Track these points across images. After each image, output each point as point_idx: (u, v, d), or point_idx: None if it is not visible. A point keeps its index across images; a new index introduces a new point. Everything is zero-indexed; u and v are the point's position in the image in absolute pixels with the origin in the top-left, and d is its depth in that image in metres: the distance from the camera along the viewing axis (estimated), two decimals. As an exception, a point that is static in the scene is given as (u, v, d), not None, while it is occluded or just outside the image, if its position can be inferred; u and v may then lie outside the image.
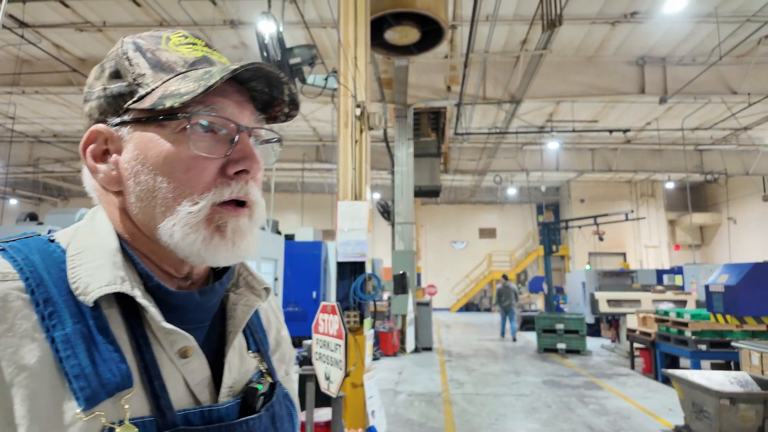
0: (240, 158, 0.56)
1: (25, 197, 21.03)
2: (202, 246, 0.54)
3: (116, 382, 0.48)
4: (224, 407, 0.56)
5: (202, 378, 0.56)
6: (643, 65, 10.22)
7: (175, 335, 0.54)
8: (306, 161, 16.46)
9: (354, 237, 3.67)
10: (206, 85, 0.52)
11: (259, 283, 0.67)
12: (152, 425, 0.49)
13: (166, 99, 0.53)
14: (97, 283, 0.50)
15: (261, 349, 0.68)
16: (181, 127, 0.54)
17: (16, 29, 8.84)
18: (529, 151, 16.58)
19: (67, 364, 0.47)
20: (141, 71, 0.56)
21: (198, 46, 0.61)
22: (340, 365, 2.74)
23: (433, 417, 5.59)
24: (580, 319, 10.10)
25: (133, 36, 0.60)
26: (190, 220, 0.53)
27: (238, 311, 0.63)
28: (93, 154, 0.57)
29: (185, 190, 0.54)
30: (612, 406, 6.04)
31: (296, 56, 3.84)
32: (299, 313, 8.95)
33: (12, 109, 12.78)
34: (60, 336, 0.48)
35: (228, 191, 0.55)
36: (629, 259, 19.61)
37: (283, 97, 0.62)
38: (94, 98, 0.58)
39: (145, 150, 0.54)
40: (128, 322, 0.52)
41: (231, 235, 0.56)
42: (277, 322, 0.77)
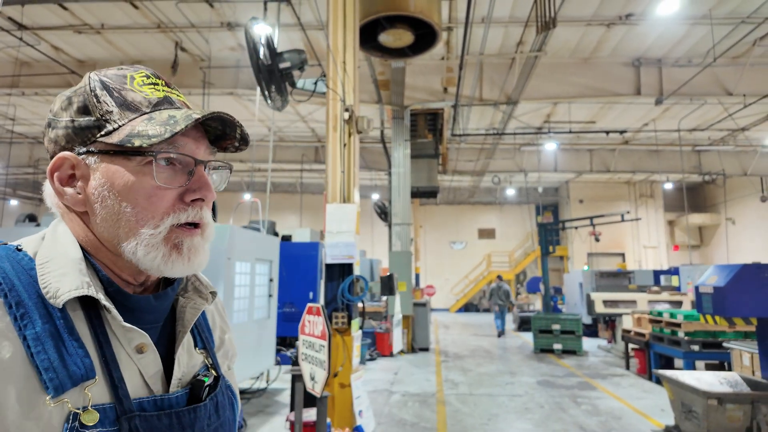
0: (197, 188, 0.66)
1: (25, 198, 21.12)
2: (161, 261, 0.63)
3: (81, 373, 0.55)
4: (174, 396, 0.64)
5: (156, 371, 0.64)
6: (639, 67, 10.25)
7: (133, 333, 0.61)
8: (305, 162, 16.52)
9: (342, 239, 3.71)
10: (172, 131, 0.60)
11: (206, 288, 0.75)
12: (111, 411, 0.57)
13: (134, 138, 0.61)
14: (66, 288, 0.57)
15: (207, 346, 0.76)
16: (145, 162, 0.62)
17: (15, 31, 8.90)
18: (527, 152, 16.60)
19: (37, 359, 0.53)
20: (108, 108, 0.63)
21: (159, 86, 0.68)
22: (323, 365, 2.79)
23: (426, 417, 5.63)
24: (577, 320, 10.13)
25: (99, 73, 0.66)
26: (151, 240, 0.62)
27: (186, 313, 0.72)
28: (59, 178, 0.64)
29: (147, 215, 0.62)
30: (604, 407, 6.08)
31: (286, 61, 3.90)
32: (295, 313, 8.99)
33: (12, 110, 12.87)
34: (31, 334, 0.54)
35: (185, 215, 0.65)
36: (628, 259, 19.62)
37: (235, 135, 0.71)
38: (61, 127, 0.65)
39: (112, 179, 0.62)
40: (91, 322, 0.60)
41: (187, 252, 0.65)
42: (221, 322, 0.85)
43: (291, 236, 10.79)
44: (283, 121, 13.98)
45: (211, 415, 0.68)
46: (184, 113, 0.63)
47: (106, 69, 0.68)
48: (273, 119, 12.55)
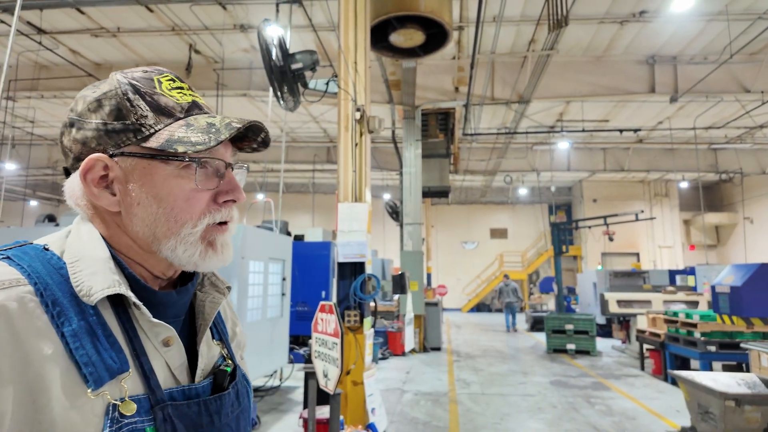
0: (228, 190, 0.70)
1: (44, 199, 21.54)
2: (199, 258, 0.67)
3: (117, 366, 0.59)
4: (200, 386, 0.69)
5: (181, 363, 0.68)
6: (653, 64, 10.12)
7: (160, 327, 0.65)
8: (317, 162, 16.61)
9: (354, 238, 3.74)
10: (217, 140, 0.64)
11: (222, 283, 0.79)
12: (146, 401, 0.60)
13: (176, 144, 0.63)
14: (99, 286, 0.60)
15: (223, 337, 0.80)
16: (183, 166, 0.65)
17: (34, 36, 9.11)
18: (539, 151, 16.49)
19: (76, 354, 0.56)
20: (143, 113, 0.65)
21: (185, 90, 0.71)
22: (336, 363, 2.82)
23: (438, 416, 5.64)
24: (590, 320, 10.04)
25: (125, 75, 0.68)
26: (189, 239, 0.66)
27: (206, 307, 0.75)
28: (92, 179, 0.66)
29: (186, 216, 0.66)
30: (618, 407, 6.03)
31: (298, 62, 3.94)
32: (308, 312, 9.05)
33: (31, 113, 13.15)
34: (68, 331, 0.57)
35: (219, 215, 0.69)
36: (643, 259, 19.37)
37: (257, 138, 0.74)
38: (90, 128, 0.66)
39: (150, 182, 0.65)
40: (120, 318, 0.63)
41: (220, 247, 0.70)
42: (232, 315, 0.89)
43: (303, 236, 10.87)
44: (296, 122, 14.07)
45: (233, 402, 0.72)
46: (221, 121, 0.66)
47: (130, 71, 0.69)
48: (285, 120, 12.64)
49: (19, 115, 13.14)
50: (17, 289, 0.56)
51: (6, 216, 19.07)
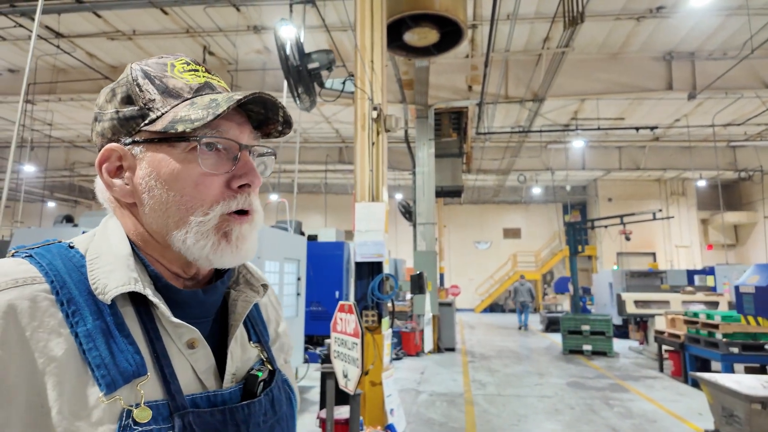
0: (243, 173, 0.64)
1: (61, 200, 21.91)
2: (210, 251, 0.61)
3: (132, 370, 0.55)
4: (227, 392, 0.63)
5: (208, 366, 0.63)
6: (671, 61, 9.96)
7: (183, 328, 0.61)
8: (329, 162, 16.64)
9: (371, 238, 3.73)
10: (214, 113, 0.59)
11: (257, 281, 0.74)
12: (164, 407, 0.56)
13: (177, 123, 0.60)
14: (114, 284, 0.57)
15: (261, 339, 0.75)
16: (190, 148, 0.61)
17: (52, 40, 9.25)
18: (553, 149, 16.33)
19: (89, 356, 0.53)
20: (151, 97, 0.62)
21: (199, 72, 0.68)
22: (357, 363, 2.80)
23: (454, 417, 5.59)
24: (607, 321, 9.91)
25: (140, 63, 0.66)
26: (200, 228, 0.61)
27: (238, 306, 0.70)
28: (108, 170, 0.64)
29: (195, 203, 0.61)
30: (637, 409, 5.93)
31: (314, 61, 3.93)
32: (322, 312, 9.07)
33: (49, 116, 13.37)
34: (82, 331, 0.54)
35: (234, 203, 0.63)
36: (659, 259, 19.07)
37: (278, 118, 0.69)
38: (106, 119, 0.64)
39: (158, 168, 0.61)
40: (141, 318, 0.59)
41: (235, 240, 0.63)
42: (276, 316, 0.84)
43: (317, 236, 10.89)
44: (308, 123, 14.11)
45: (266, 411, 0.66)
46: (225, 96, 0.62)
47: (146, 59, 0.67)
48: (299, 120, 12.69)
49: (38, 117, 13.37)
50: (31, 288, 0.54)
51: (25, 217, 19.42)
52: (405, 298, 11.76)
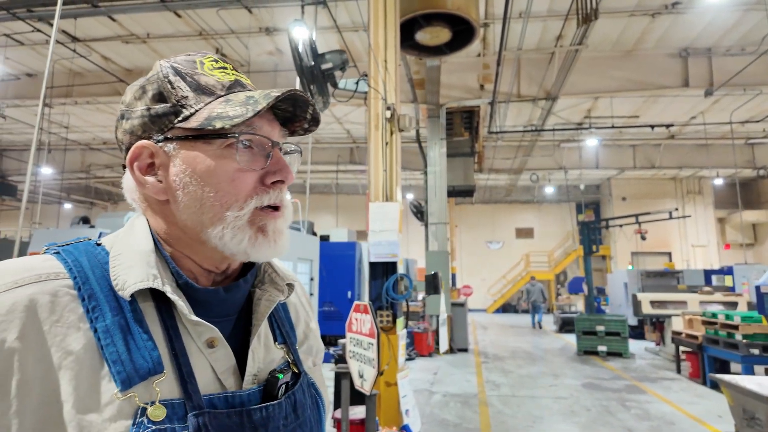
0: (276, 170, 0.64)
1: (78, 202, 22.25)
2: (248, 244, 0.62)
3: (148, 367, 0.55)
4: (246, 393, 0.62)
5: (228, 366, 0.62)
6: (687, 57, 9.80)
7: (202, 327, 0.60)
8: (340, 163, 16.68)
9: (385, 237, 3.72)
10: (254, 110, 0.59)
11: (282, 280, 0.73)
12: (180, 407, 0.55)
13: (214, 120, 0.59)
14: (133, 280, 0.57)
15: (287, 341, 0.73)
16: (226, 145, 0.61)
17: (69, 44, 9.40)
18: (566, 148, 16.17)
19: (106, 351, 0.53)
20: (184, 94, 0.62)
21: (228, 70, 0.67)
22: (372, 363, 2.79)
23: (469, 418, 5.56)
24: (622, 321, 9.78)
25: (169, 60, 0.66)
26: (236, 223, 0.61)
27: (261, 306, 0.69)
28: (139, 167, 0.64)
29: (231, 198, 0.61)
30: (655, 411, 5.84)
31: (328, 62, 3.93)
32: (334, 312, 9.09)
33: (66, 119, 13.58)
34: (101, 327, 0.54)
35: (267, 198, 0.63)
36: (675, 259, 18.78)
37: (305, 116, 0.69)
38: (136, 117, 0.64)
39: (193, 164, 0.61)
40: (161, 315, 0.59)
41: (272, 234, 0.64)
42: (306, 316, 0.82)
43: (329, 236, 10.92)
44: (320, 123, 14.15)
45: (288, 415, 0.64)
46: (261, 93, 0.62)
47: (174, 56, 0.67)
48: (309, 121, 12.72)
49: (55, 121, 13.59)
50: (53, 283, 0.55)
51: (43, 218, 19.76)
52: (417, 298, 11.74)
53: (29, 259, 0.58)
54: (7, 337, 0.50)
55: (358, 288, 9.83)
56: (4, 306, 0.51)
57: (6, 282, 0.53)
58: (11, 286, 0.53)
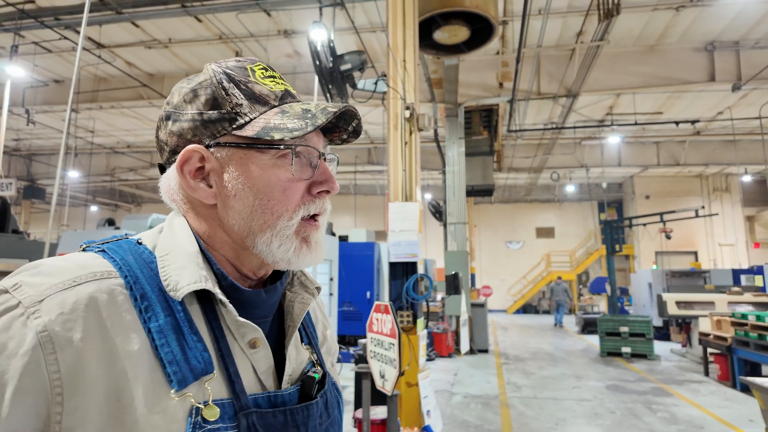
0: (323, 180, 0.66)
1: (103, 204, 22.81)
2: (293, 254, 0.63)
3: (201, 367, 0.55)
4: (287, 393, 0.64)
5: (268, 367, 0.64)
6: (713, 51, 9.54)
7: (247, 328, 0.61)
8: (358, 164, 16.72)
9: (405, 237, 3.71)
10: (314, 125, 0.61)
11: (311, 283, 0.75)
12: (230, 407, 0.56)
13: (273, 131, 0.60)
14: (186, 281, 0.57)
15: (312, 341, 0.75)
16: (280, 155, 0.62)
17: (94, 50, 9.64)
18: (588, 146, 15.91)
19: (161, 352, 0.54)
20: (238, 101, 0.63)
21: (277, 79, 0.69)
22: (394, 364, 2.79)
23: (490, 420, 5.51)
24: (647, 322, 9.57)
25: (220, 65, 0.66)
26: (285, 232, 0.63)
27: (295, 308, 0.70)
28: (189, 171, 0.64)
29: (282, 207, 0.62)
30: (683, 415, 5.69)
31: (347, 63, 3.94)
32: (354, 312, 9.11)
33: (92, 123, 13.94)
34: (155, 327, 0.55)
35: (314, 207, 0.65)
36: (701, 258, 18.30)
37: (348, 128, 0.70)
38: (185, 120, 0.64)
39: (247, 172, 0.62)
40: (207, 316, 0.60)
41: (314, 245, 0.66)
42: (323, 318, 0.84)
43: (347, 236, 10.96)
44: (337, 124, 14.21)
45: (321, 413, 0.67)
46: (317, 106, 0.63)
47: (224, 61, 0.67)
48: (328, 122, 12.78)
49: (81, 125, 13.96)
50: (108, 282, 0.55)
51: (70, 220, 20.31)
52: (436, 298, 11.69)
53: (78, 257, 0.58)
54: (73, 336, 0.50)
55: (376, 288, 9.84)
56: (66, 304, 0.51)
57: (64, 280, 0.53)
58: (70, 284, 0.53)
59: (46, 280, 0.53)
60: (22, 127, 13.52)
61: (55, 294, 0.52)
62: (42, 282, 0.52)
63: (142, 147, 16.91)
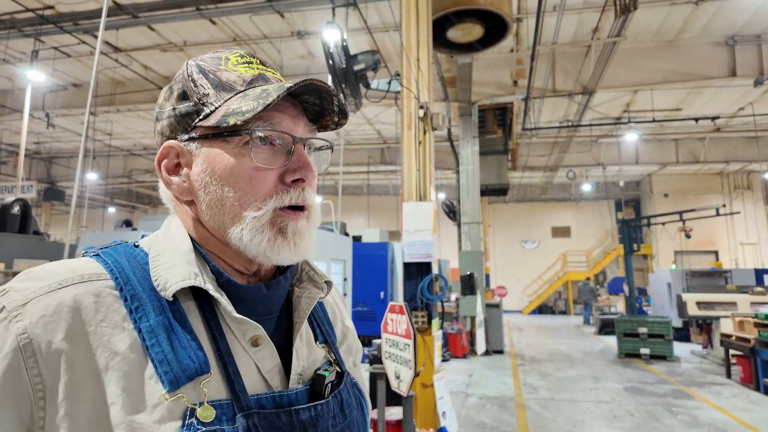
0: (296, 168, 0.62)
1: (120, 205, 23.19)
2: (267, 246, 0.59)
3: (195, 367, 0.53)
4: (293, 392, 0.60)
5: (273, 365, 0.61)
6: (734, 45, 9.32)
7: (246, 325, 0.58)
8: (371, 164, 16.73)
9: (420, 237, 3.68)
10: (264, 103, 0.57)
11: (320, 277, 0.71)
12: (229, 407, 0.54)
13: (229, 117, 0.58)
14: (174, 279, 0.56)
15: (328, 340, 0.72)
16: (243, 142, 0.59)
17: (111, 54, 9.80)
18: (605, 144, 15.69)
19: (152, 351, 0.52)
20: (205, 91, 0.61)
21: (254, 64, 0.66)
22: (409, 365, 2.77)
23: (506, 421, 5.45)
24: (666, 323, 9.39)
25: (197, 59, 0.65)
26: (255, 224, 0.59)
27: (302, 303, 0.68)
28: (166, 167, 0.64)
29: (249, 198, 0.59)
30: (705, 418, 5.56)
31: (360, 63, 3.93)
32: (368, 312, 9.11)
33: (109, 126, 14.18)
34: (145, 327, 0.53)
35: (287, 197, 0.61)
36: (722, 257, 17.90)
37: (333, 108, 0.66)
38: (165, 117, 0.64)
39: (213, 164, 0.60)
40: (204, 314, 0.58)
41: (292, 236, 0.61)
42: (341, 315, 0.81)
43: (361, 237, 10.96)
44: (350, 125, 14.25)
45: (336, 415, 0.63)
46: (276, 86, 0.59)
47: (203, 54, 0.66)
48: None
49: (99, 128, 14.21)
50: (97, 284, 0.55)
51: (89, 222, 20.69)
52: (450, 299, 11.62)
53: (71, 261, 0.57)
54: (54, 338, 0.50)
55: (390, 288, 9.82)
56: (49, 307, 0.51)
57: (50, 283, 0.53)
58: (55, 287, 0.53)
59: (33, 284, 0.53)
60: (43, 130, 13.81)
61: (38, 297, 0.51)
62: (28, 287, 0.52)
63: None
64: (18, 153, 13.57)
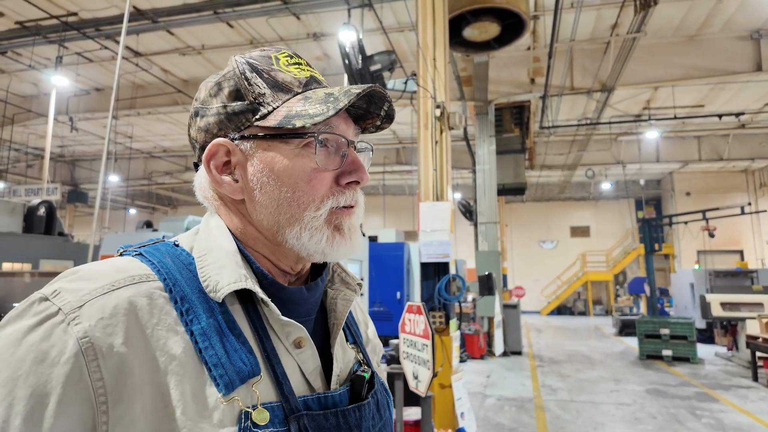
0: (352, 170, 0.63)
1: (141, 207, 23.63)
2: (326, 244, 0.60)
3: (247, 370, 0.53)
4: (337, 394, 0.61)
5: (315, 367, 0.61)
6: (759, 39, 9.07)
7: (291, 327, 0.58)
8: (387, 164, 16.73)
9: (437, 237, 3.67)
10: (335, 108, 0.57)
11: (352, 279, 0.71)
12: (279, 410, 0.54)
13: (294, 119, 0.58)
14: (226, 281, 0.55)
15: (357, 340, 0.72)
16: (303, 144, 0.60)
17: (132, 59, 10.00)
18: (624, 141, 15.43)
19: (206, 354, 0.52)
20: (261, 91, 0.60)
21: (303, 65, 0.66)
22: (427, 365, 2.76)
23: (525, 423, 5.40)
24: (689, 324, 9.19)
25: (244, 56, 0.64)
26: (314, 223, 0.60)
27: (338, 305, 0.68)
28: (216, 166, 0.63)
29: (308, 198, 0.60)
30: (730, 422, 5.43)
31: (376, 63, 3.94)
32: (384, 312, 9.10)
33: (130, 129, 14.47)
34: (198, 329, 0.53)
35: (343, 199, 0.62)
36: (747, 257, 17.44)
37: (380, 112, 0.67)
38: (211, 114, 0.62)
39: (271, 164, 0.60)
40: (249, 316, 0.58)
41: (347, 232, 0.63)
42: (363, 317, 0.82)
43: (377, 237, 10.96)
44: (366, 125, 14.26)
45: (374, 415, 0.64)
46: (341, 89, 0.60)
47: (249, 51, 0.65)
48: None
49: (120, 131, 14.51)
50: (147, 285, 0.54)
51: (111, 223, 21.15)
52: (467, 299, 11.56)
53: (116, 261, 0.57)
54: (114, 342, 0.49)
55: (406, 288, 9.80)
56: (106, 309, 0.50)
57: (102, 284, 0.52)
58: (108, 288, 0.52)
59: (86, 285, 0.52)
60: (66, 134, 14.15)
61: (94, 299, 0.50)
62: (81, 287, 0.51)
63: (178, 151, 17.42)
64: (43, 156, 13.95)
